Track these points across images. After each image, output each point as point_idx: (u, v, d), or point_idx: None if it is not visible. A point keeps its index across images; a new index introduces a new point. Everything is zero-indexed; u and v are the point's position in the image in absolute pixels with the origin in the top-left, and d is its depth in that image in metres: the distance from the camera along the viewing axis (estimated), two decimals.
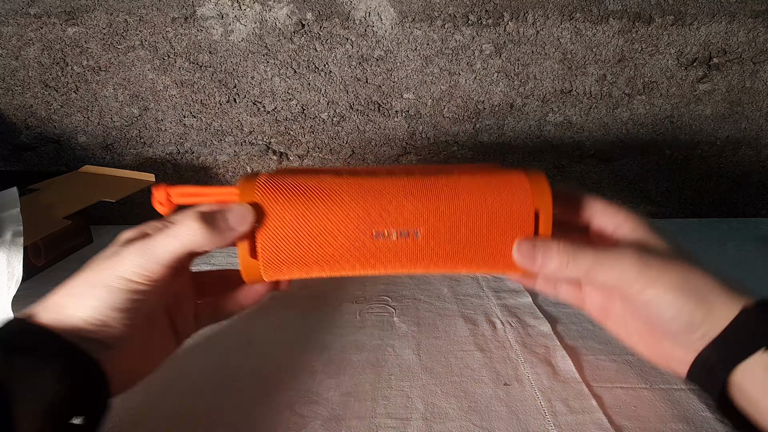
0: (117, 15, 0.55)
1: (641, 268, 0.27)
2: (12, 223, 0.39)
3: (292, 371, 0.35)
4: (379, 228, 0.29)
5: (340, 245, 0.29)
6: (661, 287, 0.27)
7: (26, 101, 0.59)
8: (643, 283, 0.27)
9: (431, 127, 0.61)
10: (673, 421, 0.30)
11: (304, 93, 0.59)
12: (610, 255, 0.28)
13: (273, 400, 0.32)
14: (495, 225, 0.30)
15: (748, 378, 0.26)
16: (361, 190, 0.29)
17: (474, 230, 0.30)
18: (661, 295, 0.27)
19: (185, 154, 0.62)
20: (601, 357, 0.36)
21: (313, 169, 0.35)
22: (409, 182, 0.30)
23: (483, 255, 0.30)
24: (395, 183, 0.30)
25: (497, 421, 0.30)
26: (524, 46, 0.56)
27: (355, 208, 0.29)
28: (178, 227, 0.27)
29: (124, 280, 0.26)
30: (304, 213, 0.29)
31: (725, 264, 0.51)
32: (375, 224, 0.29)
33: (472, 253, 0.30)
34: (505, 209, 0.30)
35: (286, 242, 0.29)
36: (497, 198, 0.30)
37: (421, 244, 0.30)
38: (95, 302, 0.25)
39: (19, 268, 0.36)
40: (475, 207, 0.30)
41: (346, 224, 0.29)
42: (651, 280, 0.27)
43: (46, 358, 0.24)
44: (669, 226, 0.61)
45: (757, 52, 0.57)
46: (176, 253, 0.27)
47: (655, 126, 0.62)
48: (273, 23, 0.55)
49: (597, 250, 0.29)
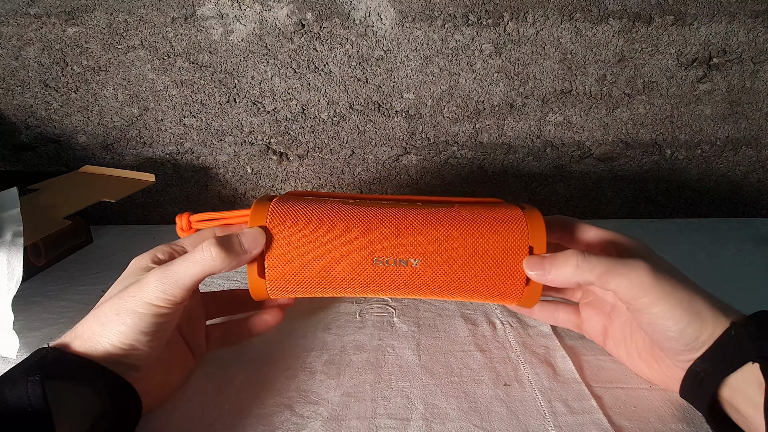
0: (117, 15, 0.55)
1: (653, 280, 0.28)
2: (12, 223, 0.39)
3: (292, 371, 0.35)
4: (379, 255, 0.31)
5: (342, 269, 0.31)
6: (670, 303, 0.28)
7: (26, 101, 0.59)
8: (654, 296, 0.28)
9: (431, 127, 0.61)
10: (673, 422, 0.30)
11: (304, 93, 0.59)
12: (623, 263, 0.29)
13: (273, 400, 0.32)
14: (490, 259, 0.31)
15: (737, 391, 0.27)
16: (364, 219, 0.31)
17: (469, 263, 0.31)
18: (670, 311, 0.28)
19: (185, 154, 0.62)
20: (601, 357, 0.36)
21: (323, 194, 0.37)
22: (410, 213, 0.32)
23: (477, 286, 0.32)
24: (396, 213, 0.32)
25: (497, 421, 0.30)
26: (524, 46, 0.56)
27: (357, 236, 0.31)
28: (199, 254, 0.29)
29: (149, 305, 0.28)
30: (310, 238, 0.31)
31: (725, 264, 0.51)
32: (375, 252, 0.31)
33: (466, 283, 0.32)
34: (500, 244, 0.31)
35: (292, 264, 0.31)
36: (493, 233, 0.31)
37: (418, 272, 0.31)
38: (123, 328, 0.27)
39: (19, 268, 0.36)
40: (472, 241, 0.31)
41: (349, 250, 0.31)
42: (663, 293, 0.28)
43: (83, 381, 0.26)
44: (669, 226, 0.61)
45: (757, 52, 0.57)
46: (197, 277, 0.29)
47: (655, 126, 0.62)
48: (273, 23, 0.55)
49: (610, 257, 0.29)
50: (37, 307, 0.42)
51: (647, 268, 0.28)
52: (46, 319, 0.41)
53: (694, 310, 0.27)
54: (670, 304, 0.27)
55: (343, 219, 0.31)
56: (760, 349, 0.25)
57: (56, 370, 0.25)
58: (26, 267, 0.37)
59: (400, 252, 0.31)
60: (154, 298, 0.28)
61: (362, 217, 0.32)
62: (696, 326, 0.27)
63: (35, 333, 0.39)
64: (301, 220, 0.31)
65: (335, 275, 0.31)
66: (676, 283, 0.28)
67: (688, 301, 0.27)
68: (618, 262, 0.29)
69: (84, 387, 0.26)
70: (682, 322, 0.27)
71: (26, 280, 0.46)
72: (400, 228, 0.31)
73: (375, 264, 0.31)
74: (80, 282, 0.47)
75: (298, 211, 0.32)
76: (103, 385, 0.26)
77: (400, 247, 0.31)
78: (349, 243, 0.31)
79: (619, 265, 0.28)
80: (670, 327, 0.28)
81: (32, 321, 0.40)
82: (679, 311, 0.27)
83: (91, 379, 0.26)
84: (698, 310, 0.27)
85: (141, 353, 0.28)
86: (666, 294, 0.28)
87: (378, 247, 0.31)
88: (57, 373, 0.25)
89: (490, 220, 0.32)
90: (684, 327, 0.27)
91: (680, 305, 0.27)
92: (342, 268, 0.31)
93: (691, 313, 0.27)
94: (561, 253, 0.30)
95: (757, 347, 0.26)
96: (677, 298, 0.28)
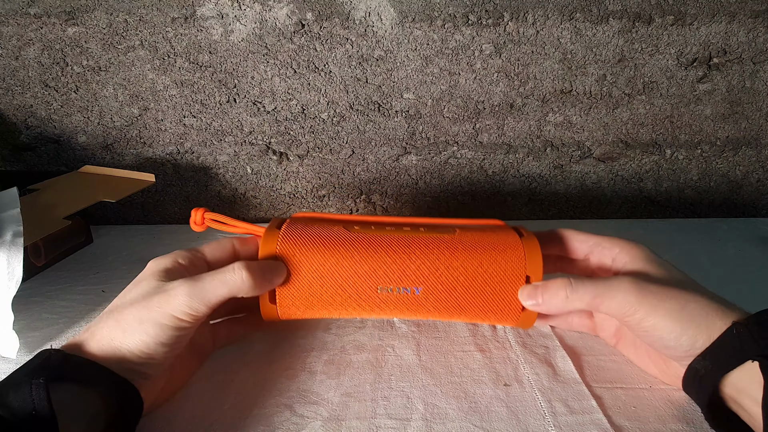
0: (117, 15, 0.55)
1: (639, 297, 0.29)
2: (12, 223, 0.39)
3: (292, 371, 0.35)
4: (384, 284, 0.33)
5: (349, 296, 0.33)
6: (660, 316, 0.28)
7: (26, 101, 0.59)
8: (644, 312, 0.29)
9: (431, 127, 0.61)
10: (673, 422, 0.30)
11: (304, 93, 0.59)
12: (609, 285, 0.30)
13: (273, 400, 0.32)
14: (489, 287, 0.33)
15: (738, 389, 0.27)
16: (369, 248, 0.33)
17: (469, 291, 0.33)
18: (661, 323, 0.28)
19: (185, 154, 0.62)
20: (601, 357, 0.36)
21: (328, 216, 0.39)
22: (413, 242, 0.34)
23: (476, 311, 0.34)
24: (400, 242, 0.34)
25: (497, 421, 0.30)
26: (524, 46, 0.56)
27: (363, 266, 0.33)
28: (229, 275, 0.29)
29: (173, 318, 0.28)
30: (318, 268, 0.33)
31: (725, 264, 0.51)
32: (380, 281, 0.33)
33: (465, 309, 0.34)
34: (498, 274, 0.33)
35: (301, 292, 0.33)
36: (492, 263, 0.33)
37: (420, 299, 0.34)
38: (145, 337, 0.27)
39: (19, 268, 0.36)
40: (471, 270, 0.33)
41: (355, 279, 0.33)
42: (651, 307, 0.28)
43: (89, 385, 0.26)
44: (669, 226, 0.61)
45: (757, 52, 0.57)
46: (223, 297, 0.29)
47: (655, 126, 0.62)
48: (273, 23, 0.55)
49: (596, 282, 0.30)
50: (37, 307, 0.42)
51: (632, 286, 0.29)
52: (46, 319, 0.41)
53: (687, 317, 0.28)
54: (661, 317, 0.28)
55: (349, 249, 0.33)
56: (760, 348, 0.26)
57: (61, 373, 0.25)
58: (26, 267, 0.37)
59: (403, 281, 0.33)
60: (180, 311, 0.28)
61: (367, 246, 0.33)
62: (691, 333, 0.28)
63: (35, 333, 0.39)
64: (309, 249, 0.33)
65: (341, 301, 0.33)
66: (664, 294, 0.29)
67: (679, 311, 0.28)
68: (604, 285, 0.30)
69: (89, 390, 0.26)
70: (675, 332, 0.28)
71: (26, 280, 0.46)
72: (403, 258, 0.33)
73: (380, 292, 0.33)
74: (80, 282, 0.47)
75: (307, 240, 0.34)
76: (110, 389, 0.26)
77: (404, 276, 0.33)
78: (354, 273, 0.33)
79: (605, 288, 0.30)
80: (665, 337, 0.29)
81: (32, 321, 0.40)
82: (671, 322, 0.28)
83: (98, 382, 0.26)
84: (691, 317, 0.28)
85: (155, 362, 0.28)
86: (654, 308, 0.28)
87: (382, 277, 0.33)
88: (62, 376, 0.25)
89: (489, 249, 0.34)
90: (678, 335, 0.28)
91: (670, 316, 0.28)
92: (348, 295, 0.33)
93: (684, 321, 0.28)
94: (552, 284, 0.31)
95: (758, 346, 0.26)
96: (666, 309, 0.28)
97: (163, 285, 0.29)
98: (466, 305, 0.34)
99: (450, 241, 0.34)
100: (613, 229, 0.60)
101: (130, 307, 0.28)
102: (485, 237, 0.35)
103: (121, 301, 0.30)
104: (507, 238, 0.34)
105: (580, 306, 0.30)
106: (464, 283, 0.33)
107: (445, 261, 0.33)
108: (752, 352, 0.26)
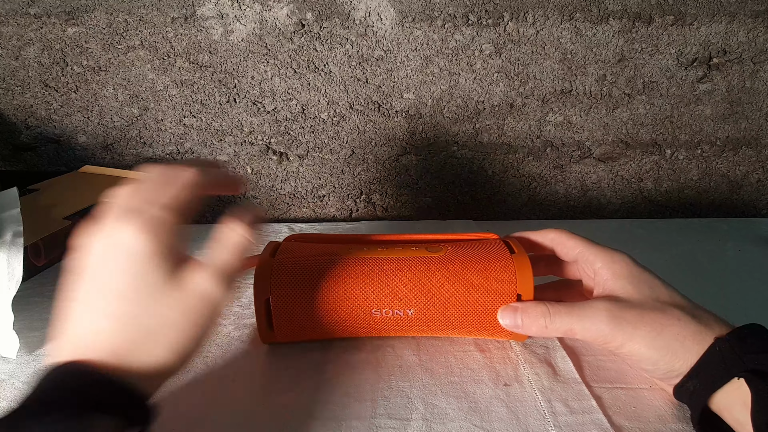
0: (117, 15, 0.55)
1: (613, 326, 0.29)
2: (12, 223, 0.39)
3: (292, 371, 0.35)
4: (377, 307, 0.34)
5: (343, 320, 0.34)
6: (636, 343, 0.29)
7: (26, 101, 0.59)
8: (619, 341, 0.29)
9: (431, 127, 0.61)
10: (673, 421, 0.30)
11: (304, 93, 0.59)
12: (584, 314, 0.30)
13: (273, 400, 0.32)
14: (480, 307, 0.34)
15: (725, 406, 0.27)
16: (362, 273, 0.34)
17: (460, 311, 0.34)
18: (637, 351, 0.29)
19: (185, 154, 0.62)
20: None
21: (321, 237, 0.40)
22: (404, 265, 0.34)
23: (468, 328, 0.35)
24: (391, 265, 0.34)
25: (497, 421, 0.30)
26: (524, 46, 0.56)
27: (356, 291, 0.34)
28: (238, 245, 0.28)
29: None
30: (311, 296, 0.33)
31: (725, 264, 0.51)
32: (373, 304, 0.34)
33: (458, 327, 0.35)
34: (489, 294, 0.34)
35: (296, 318, 0.34)
36: (483, 283, 0.34)
37: (413, 319, 0.34)
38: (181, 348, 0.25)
39: (19, 268, 0.36)
40: (463, 291, 0.34)
41: (348, 304, 0.34)
42: (626, 336, 0.29)
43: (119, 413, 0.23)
44: (669, 226, 0.61)
45: (757, 52, 0.57)
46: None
47: (655, 126, 0.61)
48: (273, 23, 0.55)
49: (572, 311, 0.31)
50: (37, 307, 0.42)
51: (606, 316, 0.29)
52: (46, 319, 0.41)
53: (662, 344, 0.28)
54: (637, 345, 0.29)
55: (342, 274, 0.34)
56: (744, 364, 0.26)
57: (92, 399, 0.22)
58: (26, 267, 0.37)
59: (395, 304, 0.34)
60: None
61: (359, 270, 0.34)
62: (667, 360, 0.28)
63: (35, 333, 0.39)
64: (302, 278, 0.34)
65: (337, 325, 0.34)
66: (639, 321, 0.29)
67: (654, 338, 0.28)
68: (579, 315, 0.30)
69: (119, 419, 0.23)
70: (652, 359, 0.29)
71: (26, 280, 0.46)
72: (395, 281, 0.34)
73: (373, 314, 0.34)
74: None
75: (300, 268, 0.34)
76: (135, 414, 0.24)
77: (396, 299, 0.34)
78: (347, 298, 0.34)
79: (579, 319, 0.30)
80: (641, 363, 0.29)
81: (32, 321, 0.40)
82: (646, 350, 0.28)
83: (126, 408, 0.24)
84: (667, 344, 0.28)
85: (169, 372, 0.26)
86: (630, 336, 0.29)
87: (375, 301, 0.34)
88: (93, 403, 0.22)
89: (479, 269, 0.34)
90: (655, 362, 0.29)
91: (646, 344, 0.28)
92: (343, 319, 0.34)
93: (660, 348, 0.28)
94: (532, 309, 0.31)
95: (742, 362, 0.26)
96: (641, 337, 0.28)
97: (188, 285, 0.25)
98: (458, 324, 0.35)
99: (441, 261, 0.35)
100: (613, 229, 0.60)
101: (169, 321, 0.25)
102: (476, 255, 0.35)
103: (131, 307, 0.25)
104: (498, 254, 0.35)
105: (558, 335, 0.31)
106: (456, 304, 0.34)
107: (437, 283, 0.34)
108: (736, 369, 0.26)
